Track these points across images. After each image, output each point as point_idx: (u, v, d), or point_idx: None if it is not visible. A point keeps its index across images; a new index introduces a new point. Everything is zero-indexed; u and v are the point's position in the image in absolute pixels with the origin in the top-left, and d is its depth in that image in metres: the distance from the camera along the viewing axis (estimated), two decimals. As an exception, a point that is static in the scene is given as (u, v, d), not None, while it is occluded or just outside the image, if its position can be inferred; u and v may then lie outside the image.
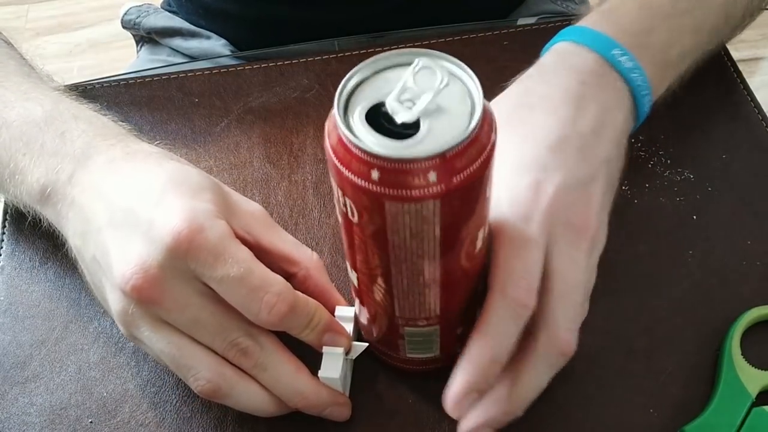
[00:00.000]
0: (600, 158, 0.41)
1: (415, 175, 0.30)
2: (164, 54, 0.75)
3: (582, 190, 0.39)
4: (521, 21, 0.68)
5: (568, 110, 0.41)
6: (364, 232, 0.33)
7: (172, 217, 0.36)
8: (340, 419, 0.41)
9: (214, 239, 0.36)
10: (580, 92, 0.42)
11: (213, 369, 0.38)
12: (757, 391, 0.42)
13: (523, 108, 0.42)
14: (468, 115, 0.31)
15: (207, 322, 0.37)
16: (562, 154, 0.40)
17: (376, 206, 0.31)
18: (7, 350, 0.46)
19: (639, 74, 0.44)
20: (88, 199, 0.40)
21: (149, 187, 0.39)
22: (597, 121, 0.41)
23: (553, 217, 0.38)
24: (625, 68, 0.43)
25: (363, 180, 0.30)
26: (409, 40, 0.60)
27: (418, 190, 0.30)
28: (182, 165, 0.41)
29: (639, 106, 0.44)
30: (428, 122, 0.30)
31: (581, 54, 0.44)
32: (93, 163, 0.41)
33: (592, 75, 0.43)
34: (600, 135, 0.41)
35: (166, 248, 0.36)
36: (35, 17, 1.77)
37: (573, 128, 0.41)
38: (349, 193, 0.32)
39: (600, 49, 0.43)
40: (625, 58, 0.43)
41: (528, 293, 0.36)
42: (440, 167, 0.30)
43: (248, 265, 0.36)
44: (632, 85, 0.44)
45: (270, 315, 0.36)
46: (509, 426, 0.42)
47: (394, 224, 0.32)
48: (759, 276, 0.47)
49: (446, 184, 0.30)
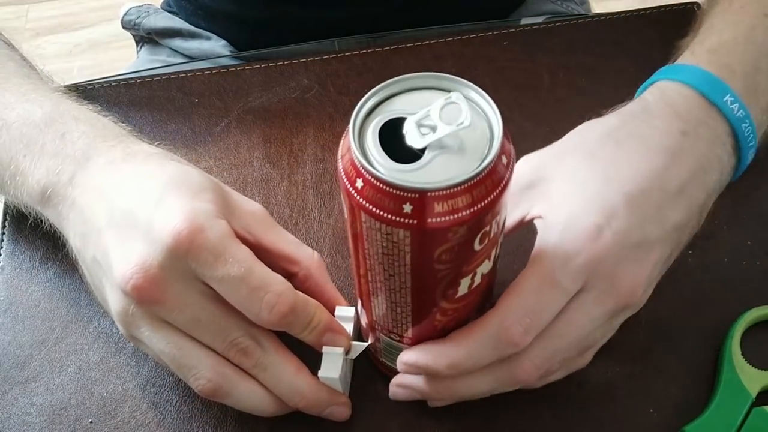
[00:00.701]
0: (674, 222, 0.38)
1: (392, 200, 0.30)
2: (164, 54, 0.75)
3: (642, 251, 0.37)
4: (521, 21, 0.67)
5: (659, 161, 0.38)
6: (353, 228, 0.34)
7: (172, 218, 0.36)
8: (340, 419, 0.41)
9: (215, 239, 0.36)
10: (679, 143, 0.39)
11: (213, 368, 0.38)
12: (757, 391, 0.42)
13: (614, 143, 0.39)
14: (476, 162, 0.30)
15: (207, 321, 0.37)
16: (636, 206, 0.37)
17: (357, 211, 0.31)
18: (7, 350, 0.46)
19: (748, 124, 0.40)
20: (88, 200, 0.40)
21: (150, 187, 0.39)
22: (686, 181, 0.38)
23: (596, 269, 0.36)
24: (735, 118, 0.39)
25: (350, 185, 0.31)
26: (409, 41, 0.60)
27: (390, 215, 0.30)
28: (182, 165, 0.41)
29: (741, 159, 0.41)
30: (433, 155, 0.30)
31: (688, 98, 0.40)
32: (93, 165, 0.41)
33: (697, 125, 0.39)
34: (684, 196, 0.38)
35: (167, 248, 0.36)
36: (35, 17, 1.77)
37: (658, 182, 0.38)
38: (342, 190, 0.32)
39: (710, 94, 0.40)
40: (736, 106, 0.39)
41: (523, 335, 0.35)
42: (417, 203, 0.29)
43: (249, 265, 0.36)
44: (740, 137, 0.40)
45: (270, 315, 0.36)
46: (512, 422, 0.42)
47: (368, 234, 0.32)
48: (759, 276, 0.47)
49: (419, 221, 0.30)
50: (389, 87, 0.33)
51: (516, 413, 0.42)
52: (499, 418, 0.42)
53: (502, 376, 0.37)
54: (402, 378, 0.40)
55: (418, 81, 0.33)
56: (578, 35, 0.61)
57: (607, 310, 0.37)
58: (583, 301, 0.36)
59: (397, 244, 0.31)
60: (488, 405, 0.42)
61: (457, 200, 0.29)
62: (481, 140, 0.31)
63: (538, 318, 0.35)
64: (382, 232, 0.31)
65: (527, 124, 0.54)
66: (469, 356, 0.37)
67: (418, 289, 0.34)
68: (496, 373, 0.38)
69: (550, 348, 0.37)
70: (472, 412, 0.43)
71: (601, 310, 0.37)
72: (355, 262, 0.36)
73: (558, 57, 0.59)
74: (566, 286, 0.36)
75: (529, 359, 0.37)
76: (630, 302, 0.37)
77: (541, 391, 0.42)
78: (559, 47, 0.60)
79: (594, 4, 0.84)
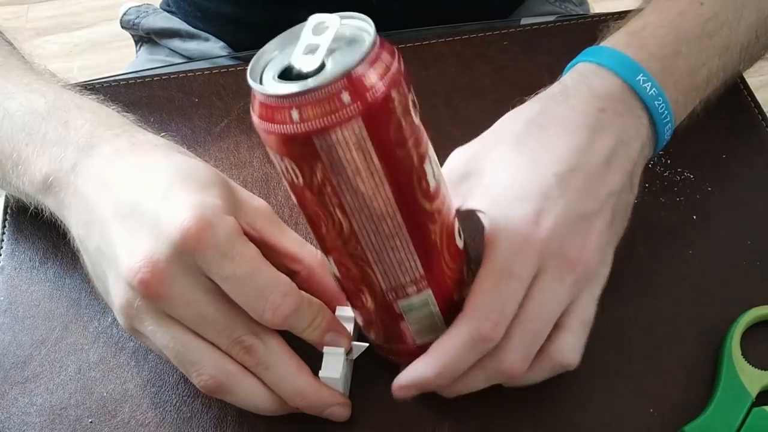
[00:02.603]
0: (607, 191, 0.40)
1: (331, 100, 0.31)
2: (163, 54, 0.75)
3: (583, 223, 0.39)
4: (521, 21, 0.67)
5: (581, 138, 0.40)
6: (312, 189, 0.34)
7: (180, 212, 0.36)
8: (340, 419, 0.41)
9: (223, 236, 0.36)
10: (598, 120, 0.41)
11: (217, 365, 0.38)
12: (757, 391, 0.42)
13: (538, 128, 0.42)
14: (366, 43, 0.32)
15: (212, 318, 0.37)
16: (568, 184, 0.39)
17: (308, 150, 0.32)
18: (7, 350, 0.46)
19: (662, 102, 0.43)
20: (92, 189, 0.40)
21: (156, 179, 0.38)
22: (610, 152, 0.40)
23: (546, 251, 0.38)
24: (648, 96, 0.42)
25: (287, 125, 0.32)
26: (409, 41, 0.60)
27: (338, 113, 0.31)
28: (189, 158, 0.41)
29: (659, 134, 0.44)
30: (331, 59, 0.32)
31: (604, 77, 0.43)
32: (97, 153, 0.41)
33: (613, 102, 0.42)
34: (611, 166, 0.40)
35: (174, 244, 0.36)
36: (35, 17, 1.77)
37: (584, 157, 0.40)
38: (282, 148, 0.33)
39: (624, 74, 0.42)
40: (648, 85, 0.42)
41: (494, 328, 0.36)
42: (350, 87, 0.31)
43: (255, 264, 0.36)
44: (654, 113, 0.43)
45: (274, 315, 0.36)
46: (512, 421, 0.42)
47: (332, 165, 0.32)
48: (759, 276, 0.47)
49: (361, 101, 0.31)
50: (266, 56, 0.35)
51: (516, 413, 0.42)
52: (499, 418, 0.42)
53: (489, 371, 0.38)
54: (399, 380, 0.40)
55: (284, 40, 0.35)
56: (578, 35, 0.61)
57: (565, 282, 0.38)
58: (542, 282, 0.38)
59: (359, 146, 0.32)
60: (488, 404, 0.42)
61: (376, 68, 0.32)
62: (359, 33, 0.34)
63: (502, 310, 0.37)
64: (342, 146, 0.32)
65: (527, 124, 0.54)
66: (452, 364, 0.38)
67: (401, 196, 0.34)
68: (485, 370, 0.39)
69: (523, 334, 0.38)
70: (472, 411, 0.43)
71: (561, 286, 0.38)
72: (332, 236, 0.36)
73: (558, 57, 0.59)
74: (521, 275, 0.37)
75: (508, 350, 0.37)
76: (586, 270, 0.38)
77: (541, 391, 0.42)
78: (559, 47, 0.60)
79: (594, 4, 0.84)
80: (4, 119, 0.44)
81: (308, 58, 0.32)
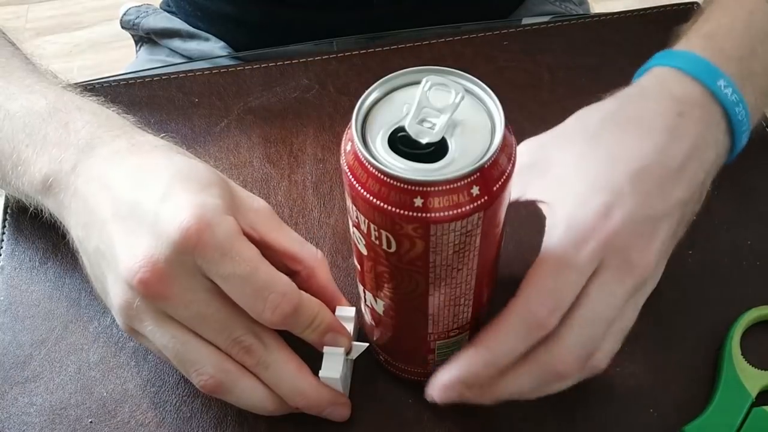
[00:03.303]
0: (677, 197, 0.39)
1: (460, 193, 0.30)
2: (163, 54, 0.75)
3: (650, 225, 0.38)
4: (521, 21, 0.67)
5: (658, 140, 0.39)
6: (402, 259, 0.33)
7: (180, 212, 0.36)
8: (340, 420, 0.41)
9: (222, 236, 0.36)
10: (676, 124, 0.40)
11: (216, 365, 0.38)
12: (757, 391, 0.42)
13: (614, 126, 0.41)
14: (489, 123, 0.31)
15: (212, 318, 0.37)
16: (640, 183, 0.38)
17: (420, 232, 0.31)
18: (7, 350, 0.46)
19: (742, 108, 0.41)
20: (92, 190, 0.40)
21: (156, 180, 0.38)
22: (685, 157, 0.39)
23: (610, 246, 0.37)
24: (729, 102, 0.41)
25: (405, 210, 0.30)
26: (409, 41, 0.60)
27: (465, 207, 0.30)
28: (189, 159, 0.41)
29: (735, 142, 0.42)
30: (454, 140, 0.31)
31: (683, 82, 0.41)
32: (97, 154, 0.41)
33: (692, 107, 0.41)
34: (685, 172, 0.39)
35: (174, 244, 0.36)
36: (35, 17, 1.77)
37: (659, 159, 0.39)
38: (387, 224, 0.31)
39: (705, 79, 0.41)
40: (729, 91, 0.41)
41: (550, 314, 0.36)
42: (481, 180, 0.30)
43: (255, 264, 0.36)
44: (733, 120, 0.41)
45: (273, 315, 0.36)
46: (512, 421, 0.42)
47: (437, 245, 0.32)
48: (759, 276, 0.47)
49: (488, 194, 0.31)
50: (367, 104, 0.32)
51: (516, 413, 0.43)
52: (500, 418, 0.42)
53: (540, 369, 0.37)
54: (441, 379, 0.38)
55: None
56: (578, 35, 0.61)
57: (625, 285, 0.37)
58: (602, 280, 0.37)
59: (470, 232, 0.32)
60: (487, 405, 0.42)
61: (502, 158, 0.31)
62: (477, 106, 0.32)
63: (559, 298, 0.36)
64: (456, 231, 0.31)
65: (527, 124, 0.54)
66: (501, 349, 0.36)
67: (481, 264, 0.34)
68: (534, 366, 0.37)
69: (580, 333, 0.37)
70: (473, 412, 0.43)
71: (620, 287, 0.37)
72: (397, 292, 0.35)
73: (558, 57, 0.59)
74: (582, 266, 0.36)
75: (564, 347, 0.36)
76: (645, 275, 0.37)
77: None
78: (559, 47, 0.60)
79: (594, 4, 0.84)
80: (4, 120, 0.44)
81: (427, 131, 0.31)
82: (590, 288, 0.36)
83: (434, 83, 0.31)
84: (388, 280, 0.35)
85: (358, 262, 0.36)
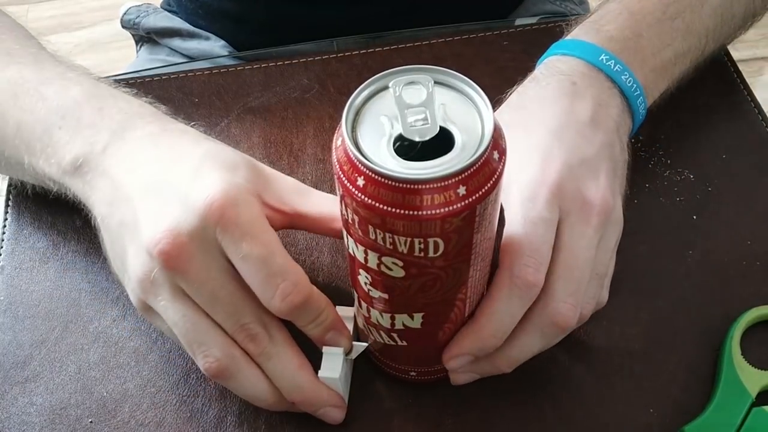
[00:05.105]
0: (600, 140, 0.42)
1: (487, 165, 0.31)
2: (163, 54, 0.75)
3: (587, 166, 0.41)
4: (520, 21, 0.68)
5: (563, 103, 0.43)
6: (449, 256, 0.33)
7: (208, 189, 0.37)
8: (333, 422, 0.41)
9: (245, 216, 0.37)
10: (573, 90, 0.44)
11: (224, 349, 0.38)
12: (757, 391, 0.42)
13: (520, 110, 0.45)
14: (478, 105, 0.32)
15: (224, 300, 0.37)
16: (564, 137, 0.41)
17: (468, 217, 0.32)
18: (7, 350, 0.46)
19: (628, 76, 0.45)
20: (121, 170, 0.41)
21: (186, 161, 0.39)
22: (592, 111, 0.43)
23: (561, 191, 0.39)
24: (613, 71, 0.45)
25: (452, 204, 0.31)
26: (409, 40, 0.60)
27: (494, 178, 0.32)
28: (218, 143, 0.42)
29: (633, 106, 0.46)
30: (454, 128, 0.32)
31: (569, 62, 0.45)
32: (130, 137, 0.42)
33: (582, 77, 0.45)
34: (597, 123, 0.43)
35: (198, 215, 0.36)
36: (35, 17, 1.77)
37: (571, 117, 0.42)
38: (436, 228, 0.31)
39: (587, 57, 0.45)
40: (612, 63, 0.45)
41: (535, 272, 0.37)
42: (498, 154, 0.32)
43: (272, 248, 0.37)
44: (622, 86, 0.45)
45: (282, 303, 0.36)
46: (512, 421, 0.42)
47: (480, 222, 0.33)
48: (759, 276, 0.47)
49: (503, 162, 0.32)
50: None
51: (515, 412, 0.43)
52: (498, 417, 0.43)
53: (544, 326, 0.39)
54: (457, 367, 0.41)
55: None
56: (578, 35, 0.61)
57: (592, 222, 0.39)
58: (569, 225, 0.39)
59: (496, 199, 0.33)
60: (487, 403, 0.42)
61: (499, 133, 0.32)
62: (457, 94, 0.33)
63: (538, 253, 0.38)
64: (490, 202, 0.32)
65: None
66: (501, 316, 0.38)
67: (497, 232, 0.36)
68: (538, 325, 0.39)
69: (564, 278, 0.38)
70: (472, 410, 0.43)
71: (587, 226, 0.39)
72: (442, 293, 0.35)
73: (558, 57, 0.59)
74: (545, 216, 0.38)
75: (560, 301, 0.38)
76: (606, 211, 0.40)
77: (542, 390, 0.42)
78: (559, 47, 0.60)
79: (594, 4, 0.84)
80: (38, 102, 0.45)
81: (422, 128, 0.31)
82: (562, 237, 0.39)
83: (404, 83, 0.32)
84: (429, 288, 0.35)
85: (387, 290, 0.36)
